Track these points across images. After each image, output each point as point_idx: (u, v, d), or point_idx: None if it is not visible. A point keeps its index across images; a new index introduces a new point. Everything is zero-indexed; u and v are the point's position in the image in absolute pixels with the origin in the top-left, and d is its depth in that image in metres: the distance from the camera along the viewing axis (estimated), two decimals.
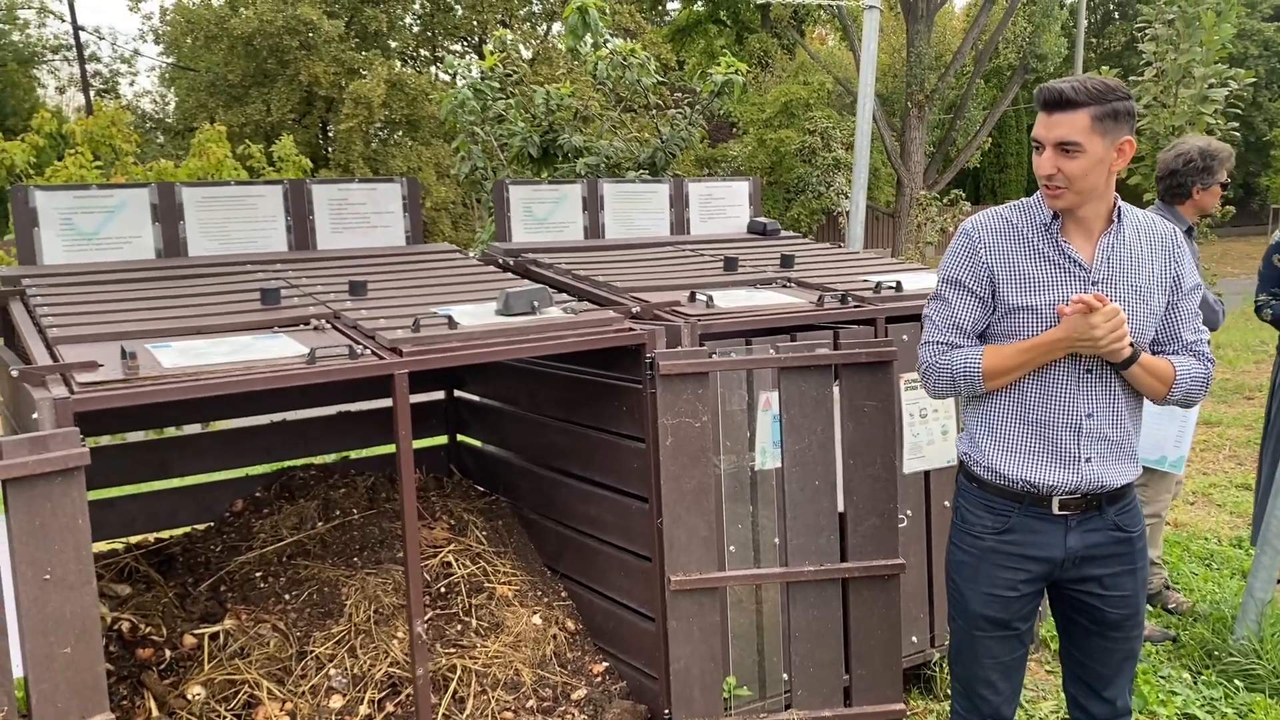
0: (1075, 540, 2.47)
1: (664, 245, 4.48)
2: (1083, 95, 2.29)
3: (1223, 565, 5.00)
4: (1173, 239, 2.51)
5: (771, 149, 21.26)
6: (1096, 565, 2.50)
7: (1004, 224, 2.50)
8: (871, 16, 5.59)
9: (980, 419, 2.56)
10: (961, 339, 2.52)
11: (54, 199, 3.51)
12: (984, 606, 2.54)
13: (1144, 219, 2.52)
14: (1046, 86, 2.34)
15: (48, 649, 2.24)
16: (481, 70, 6.67)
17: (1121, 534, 2.50)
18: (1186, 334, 2.51)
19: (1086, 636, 2.58)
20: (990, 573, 2.53)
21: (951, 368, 2.50)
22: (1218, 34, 8.09)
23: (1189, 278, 2.51)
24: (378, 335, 2.88)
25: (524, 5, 29.13)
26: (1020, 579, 2.51)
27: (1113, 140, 2.33)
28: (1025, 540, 2.50)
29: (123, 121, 10.03)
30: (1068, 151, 2.32)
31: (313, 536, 3.71)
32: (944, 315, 2.54)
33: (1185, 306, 2.51)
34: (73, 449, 2.25)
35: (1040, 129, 2.37)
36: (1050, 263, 2.44)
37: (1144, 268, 2.45)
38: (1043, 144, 2.37)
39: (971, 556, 2.57)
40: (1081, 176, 2.34)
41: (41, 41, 30.76)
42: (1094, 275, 2.42)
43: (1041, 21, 22.25)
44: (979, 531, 2.55)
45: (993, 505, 2.53)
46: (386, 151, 25.66)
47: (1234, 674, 3.82)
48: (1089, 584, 2.52)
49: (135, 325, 2.88)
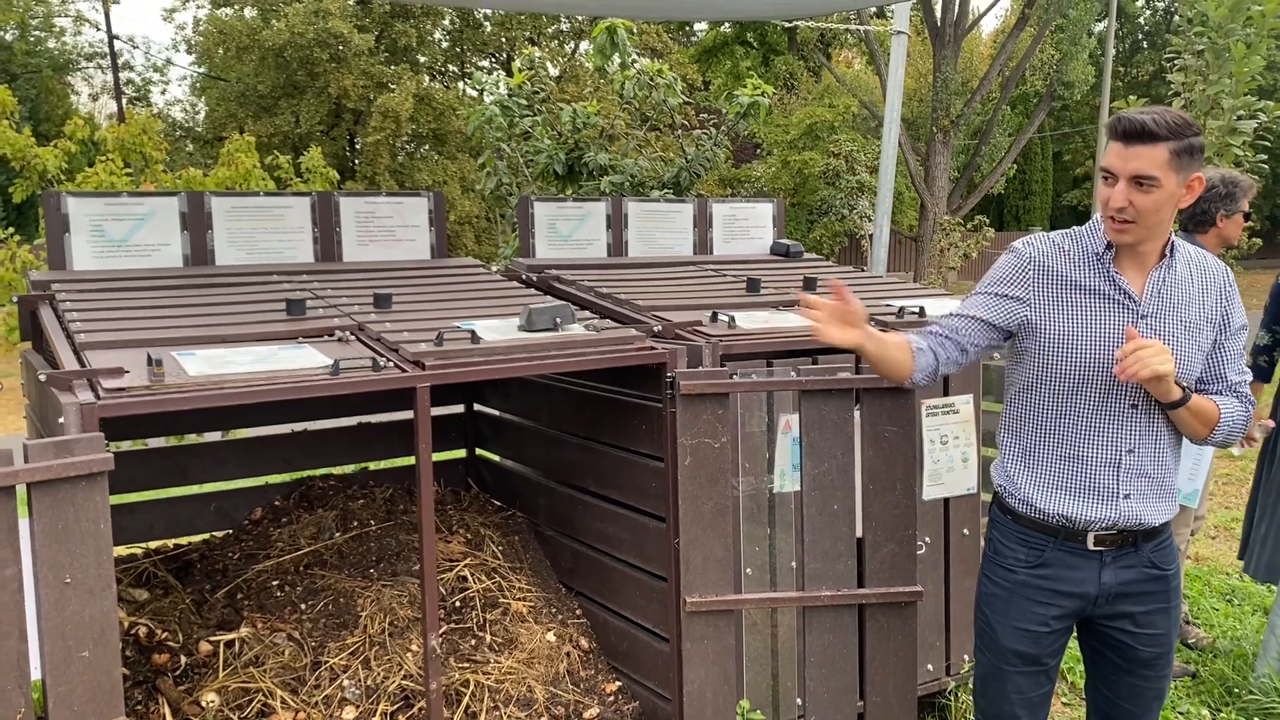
0: (1110, 576, 2.44)
1: (687, 265, 4.49)
2: (1164, 129, 2.23)
3: (1244, 601, 4.95)
4: (1225, 276, 2.48)
5: (795, 170, 21.29)
6: (1130, 602, 2.47)
7: (1056, 249, 2.47)
8: (899, 42, 5.60)
9: (1016, 451, 2.54)
10: (955, 335, 2.53)
11: (85, 205, 3.55)
12: (1014, 641, 2.52)
13: (1196, 255, 2.48)
14: (1126, 116, 2.26)
15: (66, 652, 2.26)
16: (509, 87, 6.72)
17: (1157, 571, 2.47)
18: (1231, 374, 2.48)
19: (1116, 674, 2.54)
20: (1022, 607, 2.50)
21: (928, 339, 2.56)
22: (1247, 65, 8.06)
23: (1237, 317, 2.48)
24: (401, 348, 2.90)
25: (552, 24, 29.32)
26: (1053, 614, 2.49)
27: (1185, 177, 2.29)
28: (1059, 575, 2.47)
29: (153, 129, 10.14)
30: (1142, 185, 2.26)
31: (330, 547, 3.72)
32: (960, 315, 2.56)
33: (1232, 346, 2.48)
34: (97, 454, 2.27)
35: (1115, 160, 2.29)
36: (1098, 294, 2.41)
37: (1194, 304, 2.42)
38: (1116, 175, 2.29)
39: (1003, 590, 2.54)
40: (1154, 212, 2.29)
41: (76, 49, 31.20)
42: (1143, 308, 2.39)
43: (1069, 49, 22.22)
44: (1011, 564, 2.53)
45: (1027, 538, 2.51)
46: (413, 165, 25.83)
47: (1254, 712, 3.77)
48: (1122, 621, 2.48)
49: (161, 333, 2.91)
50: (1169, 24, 32.41)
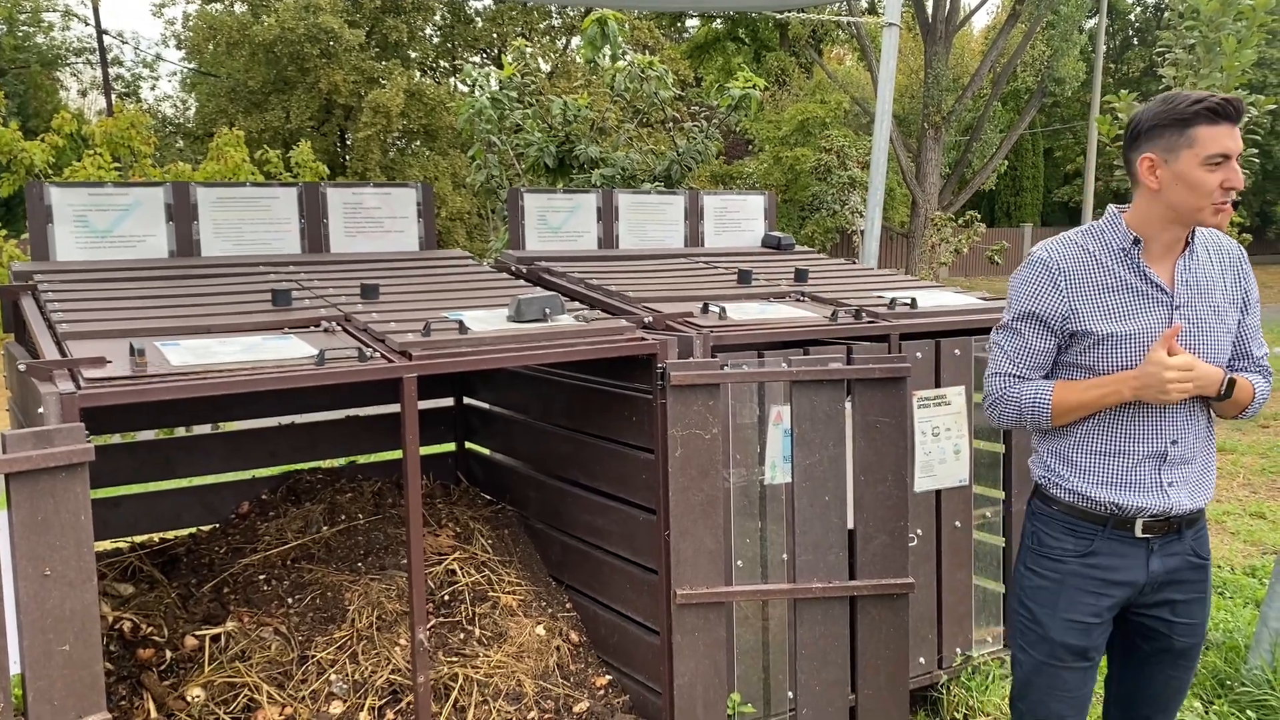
0: (1157, 564, 2.42)
1: (678, 257, 4.46)
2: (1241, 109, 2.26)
3: (1236, 594, 4.94)
4: (1238, 255, 2.48)
5: (787, 167, 21.27)
6: (1173, 590, 2.45)
7: (1080, 251, 2.43)
8: (891, 34, 5.58)
9: (1056, 451, 2.50)
10: (1032, 372, 2.47)
11: (69, 195, 3.51)
12: (1065, 634, 2.46)
13: (1210, 236, 2.47)
14: (1227, 99, 2.23)
15: (46, 646, 2.22)
16: (499, 80, 6.68)
17: (1198, 559, 2.46)
18: (1255, 349, 2.49)
19: (1147, 663, 2.52)
20: (1072, 598, 2.45)
21: (1020, 401, 2.46)
22: (1239, 59, 8.05)
23: (1254, 293, 2.49)
24: (388, 338, 2.87)
25: (544, 19, 29.26)
26: (1104, 605, 2.44)
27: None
28: (1109, 564, 2.43)
29: (142, 124, 10.08)
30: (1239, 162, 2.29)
31: (317, 540, 3.69)
32: (1016, 346, 2.47)
33: (1252, 322, 2.48)
34: (77, 444, 2.23)
35: (1228, 142, 2.25)
36: (1132, 290, 2.38)
37: (1218, 287, 2.42)
38: (1229, 156, 2.26)
39: (1052, 581, 2.48)
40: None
41: (65, 44, 31.02)
42: (1176, 299, 2.38)
43: (1060, 45, 22.22)
44: (1059, 555, 2.47)
45: (1075, 528, 2.46)
46: (404, 161, 25.76)
47: (1246, 704, 3.76)
48: (1162, 609, 2.46)
49: (145, 323, 2.88)
50: (1159, 20, 32.47)
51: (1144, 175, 2.34)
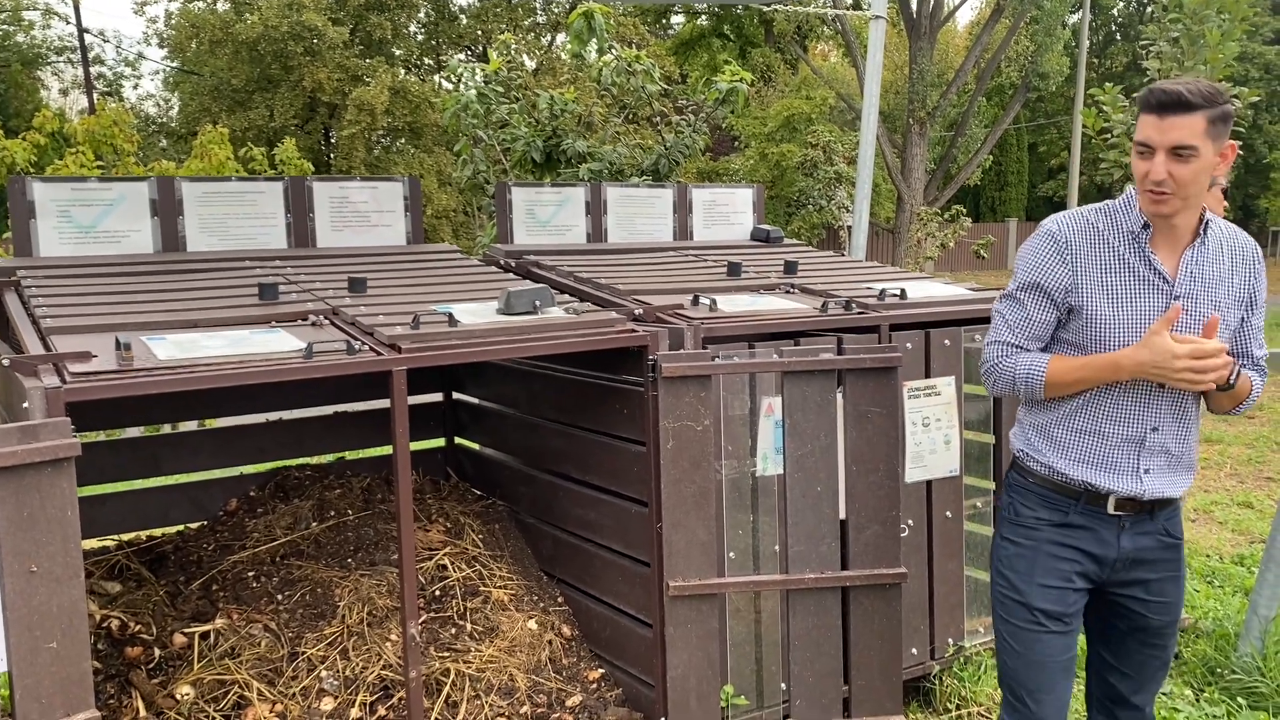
0: (1127, 542, 2.45)
1: (667, 250, 4.45)
2: (1199, 98, 2.20)
3: (1225, 582, 4.96)
4: (1255, 252, 2.45)
5: (773, 163, 21.26)
6: (1144, 570, 2.47)
7: (1090, 228, 2.42)
8: (878, 26, 5.58)
9: (1038, 425, 2.51)
10: (1030, 343, 2.48)
11: (52, 191, 3.47)
12: (1042, 599, 2.48)
13: (1227, 230, 2.45)
14: (1160, 88, 2.22)
15: (33, 643, 2.19)
16: (485, 74, 6.65)
17: (1170, 539, 2.48)
18: (1256, 349, 2.49)
19: (1124, 641, 2.55)
20: (1047, 564, 2.48)
21: (1015, 371, 2.47)
22: (1222, 52, 8.08)
23: (1262, 292, 2.47)
24: (376, 331, 2.84)
25: (528, 16, 29.19)
26: (1075, 570, 2.47)
27: (1219, 145, 2.27)
28: (1080, 536, 2.46)
29: (125, 122, 10.02)
30: (1181, 156, 2.23)
31: (307, 537, 3.67)
32: (1017, 316, 2.47)
33: (1255, 321, 2.47)
34: (63, 439, 2.21)
35: (1151, 132, 2.25)
36: (1134, 274, 2.37)
37: (1225, 282, 2.40)
38: (1153, 148, 2.26)
39: (1028, 548, 2.51)
40: (1192, 182, 2.26)
41: (46, 43, 30.80)
42: (1177, 289, 2.36)
43: (1044, 41, 22.29)
44: (1033, 523, 2.51)
45: (1049, 499, 2.49)
46: (389, 158, 25.66)
47: (1237, 692, 3.77)
48: (1134, 588, 2.49)
49: (131, 318, 2.85)
50: (1142, 14, 32.64)
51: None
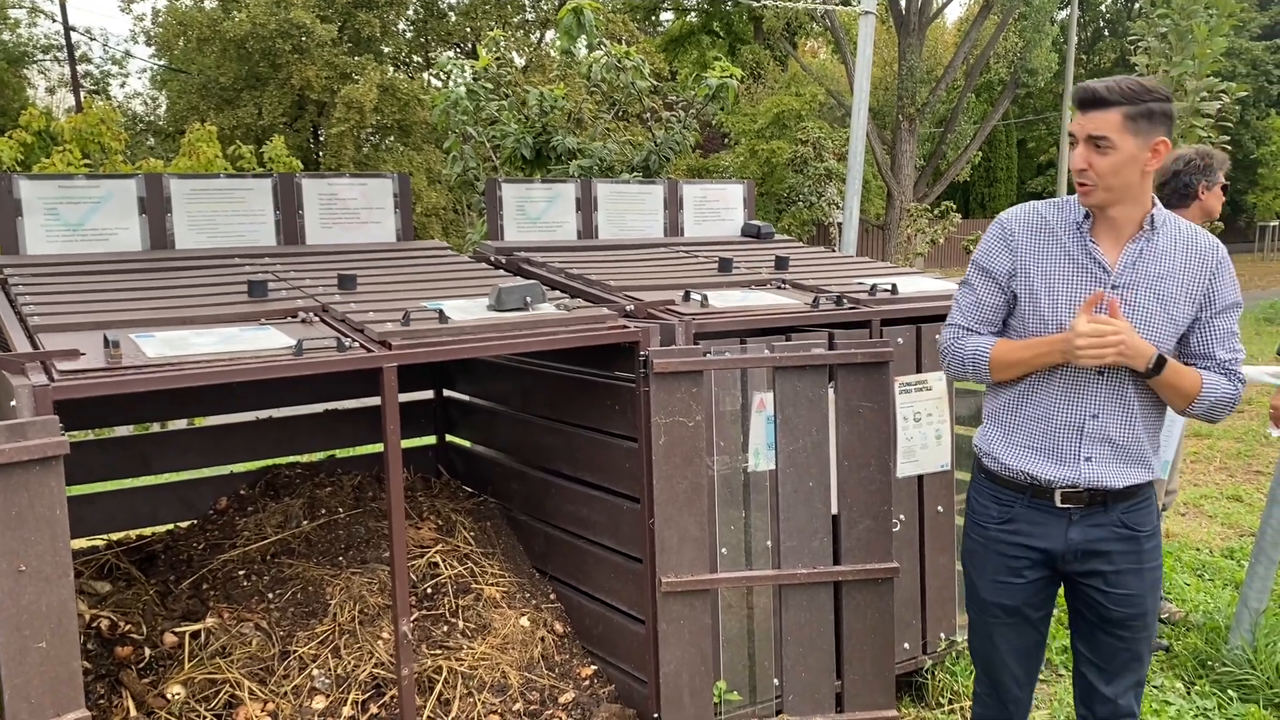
0: (1077, 534, 2.50)
1: (658, 246, 4.45)
2: (1115, 95, 2.32)
3: (1215, 576, 4.98)
4: (1213, 253, 2.47)
5: (763, 160, 21.27)
6: (1100, 561, 2.51)
7: (1038, 219, 2.53)
8: (867, 22, 5.58)
9: (992, 414, 2.63)
10: (980, 326, 2.59)
11: (39, 188, 3.44)
12: (993, 594, 2.61)
13: (1187, 230, 2.49)
14: (1082, 86, 2.38)
15: (22, 643, 2.18)
16: (475, 71, 6.63)
17: (1128, 532, 2.50)
18: (1220, 352, 2.49)
19: (1091, 631, 2.60)
20: (996, 561, 2.59)
21: (963, 353, 2.59)
22: (1210, 47, 8.12)
23: (1226, 294, 2.47)
24: (366, 328, 2.83)
25: (518, 12, 29.14)
26: (1024, 566, 2.56)
27: (1146, 140, 2.34)
28: (1026, 530, 2.54)
29: (113, 120, 9.96)
30: (1099, 146, 2.34)
31: (297, 535, 3.65)
32: (968, 300, 2.61)
33: (1220, 324, 2.48)
34: (51, 437, 2.19)
35: (1075, 125, 2.41)
36: (1074, 262, 2.47)
37: (1173, 278, 2.43)
38: (1076, 139, 2.40)
39: (980, 545, 2.64)
40: (1112, 173, 2.35)
41: (32, 41, 30.59)
42: (1115, 279, 2.43)
43: (1033, 37, 22.36)
44: (984, 521, 2.62)
45: (999, 496, 2.59)
46: (378, 156, 25.59)
47: (1228, 684, 3.79)
48: (1094, 579, 2.53)
49: (119, 315, 2.83)
50: (1130, 11, 32.73)
51: None
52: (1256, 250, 32.88)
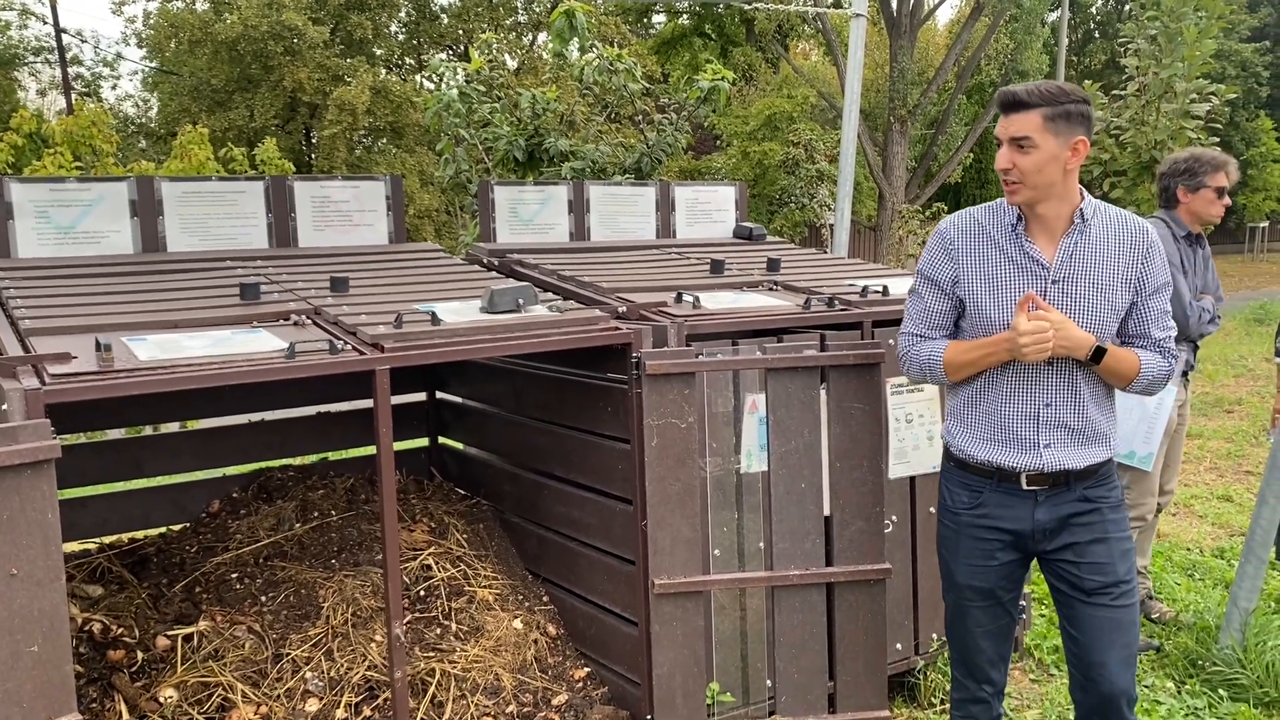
0: (1044, 514, 2.62)
1: (650, 248, 4.45)
2: (1035, 97, 2.46)
3: (1205, 575, 5.00)
4: (1142, 237, 2.59)
5: (755, 161, 21.28)
6: (1068, 534, 2.63)
7: (975, 225, 2.66)
8: (858, 24, 5.60)
9: (953, 409, 2.75)
10: (932, 331, 2.72)
11: (30, 191, 3.44)
12: (968, 577, 2.72)
13: (1116, 217, 2.62)
14: (1003, 90, 2.52)
15: (14, 647, 2.17)
16: (467, 73, 6.63)
17: (1088, 504, 2.62)
18: (1155, 331, 2.64)
19: (1070, 605, 2.69)
20: (969, 545, 2.70)
21: (919, 358, 2.72)
22: (1199, 49, 8.15)
23: (1157, 276, 2.61)
24: (359, 331, 2.83)
25: (510, 15, 29.13)
26: (995, 548, 2.67)
27: (1066, 140, 2.47)
28: (995, 513, 2.66)
29: (104, 122, 9.94)
30: (1021, 147, 2.48)
31: (290, 538, 3.65)
32: (918, 308, 2.74)
33: (1154, 304, 2.62)
34: (43, 441, 2.19)
35: (999, 128, 2.54)
36: (1013, 263, 2.59)
37: (1108, 265, 2.56)
38: (1000, 140, 2.53)
39: (952, 531, 2.75)
40: (1034, 171, 2.48)
41: (23, 43, 30.48)
42: (1054, 274, 2.56)
43: (1023, 39, 22.45)
44: (956, 508, 2.73)
45: (968, 483, 2.70)
46: (370, 158, 25.55)
47: (1218, 683, 3.80)
48: (1064, 553, 2.64)
49: (111, 319, 2.83)
50: (1120, 13, 32.84)
51: None
52: (1246, 251, 32.99)
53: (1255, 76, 31.23)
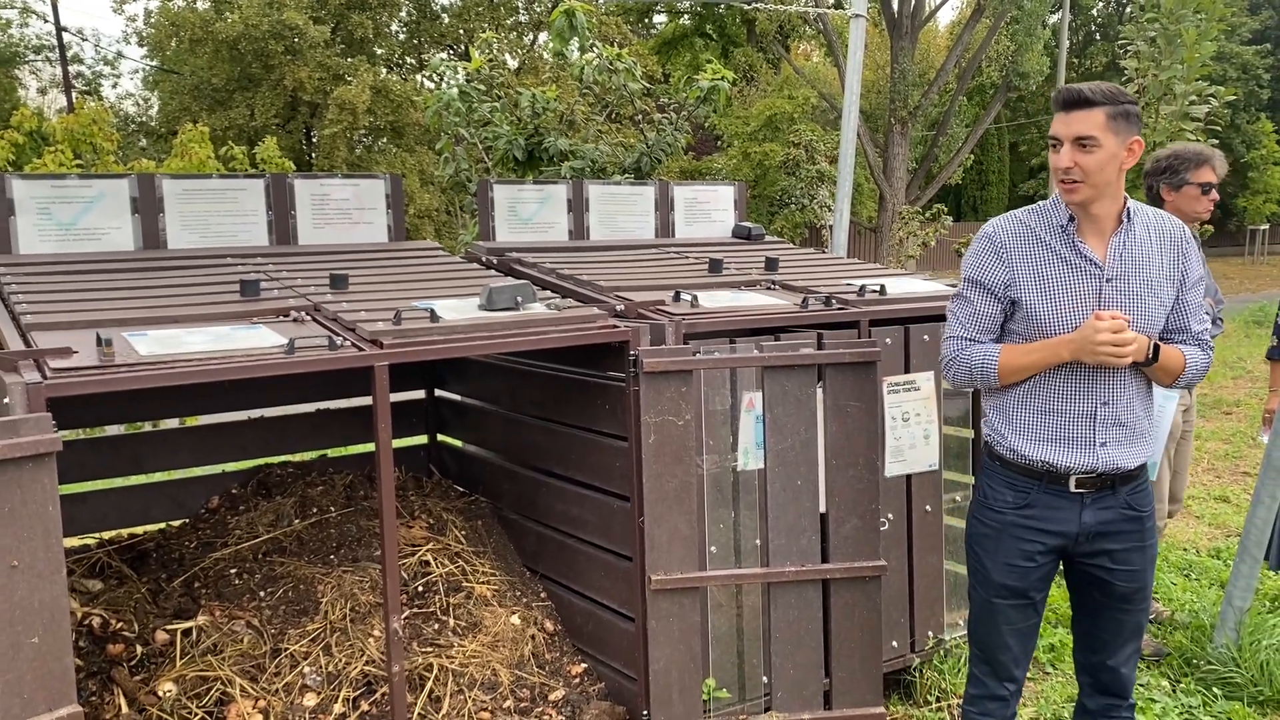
0: (1090, 516, 2.62)
1: (649, 247, 4.47)
2: (1099, 96, 2.48)
3: (1201, 575, 5.02)
4: (1181, 234, 2.64)
5: (756, 162, 21.32)
6: (1108, 540, 2.64)
7: (1023, 227, 2.64)
8: (858, 25, 5.61)
9: (1000, 409, 2.71)
10: (981, 335, 2.68)
11: (32, 188, 3.46)
12: (1004, 576, 2.69)
13: (1154, 216, 2.65)
14: (1065, 88, 2.51)
15: (14, 638, 2.19)
16: (467, 73, 6.65)
17: (1133, 512, 2.64)
18: (1194, 324, 2.67)
19: (1097, 608, 2.72)
20: (1010, 545, 2.67)
21: (970, 362, 2.67)
22: (1199, 51, 8.17)
23: (1194, 271, 2.65)
24: (358, 327, 2.85)
25: (510, 15, 29.16)
26: (1037, 550, 2.66)
27: (1124, 139, 2.50)
28: (1043, 515, 2.64)
29: (105, 120, 9.96)
30: (1085, 146, 2.48)
31: (289, 534, 3.67)
32: (966, 312, 2.70)
33: (1191, 299, 2.66)
34: (44, 434, 2.21)
35: (1059, 126, 2.52)
36: (1066, 263, 2.58)
37: (1154, 263, 2.59)
38: (1061, 140, 2.52)
39: (992, 529, 2.71)
40: (1098, 170, 2.48)
41: (23, 42, 30.52)
42: (1108, 273, 2.57)
43: (1024, 41, 22.42)
44: (1000, 506, 2.70)
45: (1014, 482, 2.67)
46: (370, 158, 25.58)
47: (1213, 682, 3.82)
48: (1100, 558, 2.65)
49: (112, 314, 2.84)
50: (1121, 15, 32.84)
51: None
52: (1246, 254, 32.98)
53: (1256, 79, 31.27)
